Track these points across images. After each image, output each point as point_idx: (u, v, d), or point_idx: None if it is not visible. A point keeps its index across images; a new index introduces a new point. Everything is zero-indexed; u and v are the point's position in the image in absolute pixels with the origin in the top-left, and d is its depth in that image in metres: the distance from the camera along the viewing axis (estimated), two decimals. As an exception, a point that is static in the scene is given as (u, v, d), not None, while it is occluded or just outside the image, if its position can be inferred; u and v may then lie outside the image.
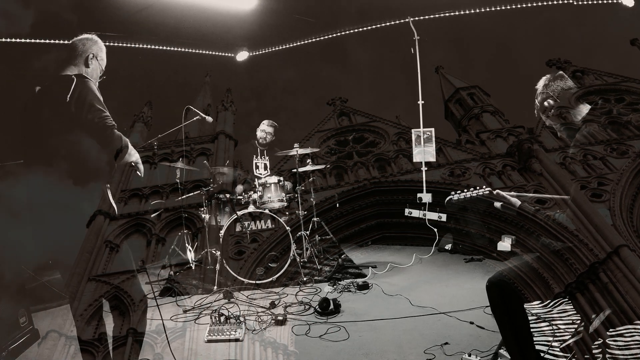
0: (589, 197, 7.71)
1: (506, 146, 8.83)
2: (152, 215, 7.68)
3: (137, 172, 3.21)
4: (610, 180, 7.89)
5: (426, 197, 5.07)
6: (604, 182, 7.87)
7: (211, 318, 4.17)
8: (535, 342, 3.30)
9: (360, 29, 4.89)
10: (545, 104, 3.69)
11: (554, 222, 6.83)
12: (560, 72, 3.77)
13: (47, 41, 4.21)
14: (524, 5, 4.42)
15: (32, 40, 4.25)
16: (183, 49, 4.72)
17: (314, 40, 4.96)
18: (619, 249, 6.68)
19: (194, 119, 4.62)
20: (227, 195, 4.99)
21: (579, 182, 7.95)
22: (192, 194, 5.50)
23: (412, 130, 5.06)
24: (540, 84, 3.74)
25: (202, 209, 4.91)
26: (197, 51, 4.76)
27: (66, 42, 3.76)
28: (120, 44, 4.15)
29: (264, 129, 5.40)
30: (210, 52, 4.84)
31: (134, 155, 3.30)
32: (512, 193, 3.49)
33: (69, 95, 3.16)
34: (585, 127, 8.56)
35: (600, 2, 4.36)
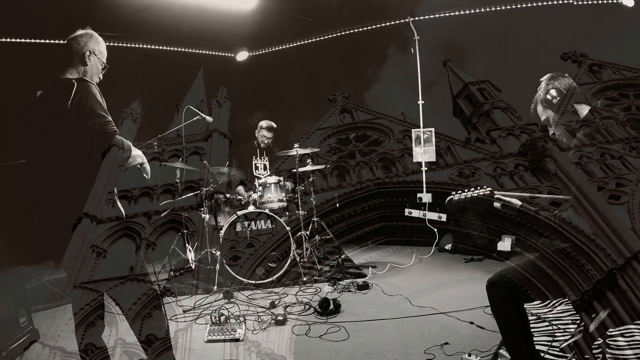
0: (606, 199, 8.04)
1: (518, 145, 9.16)
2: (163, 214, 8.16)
3: (144, 174, 3.69)
4: (629, 181, 8.22)
5: (426, 197, 5.57)
6: (622, 183, 8.22)
7: (211, 318, 4.68)
8: (535, 342, 3.76)
9: (360, 29, 5.38)
10: (548, 117, 4.11)
11: (570, 225, 7.26)
12: (557, 73, 4.25)
13: (47, 41, 4.71)
14: (525, 5, 4.90)
15: (31, 41, 4.76)
16: (183, 49, 5.24)
17: (314, 40, 5.45)
18: (638, 254, 6.99)
19: (194, 119, 5.16)
20: (227, 196, 5.57)
21: (596, 183, 8.32)
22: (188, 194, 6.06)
23: (412, 130, 5.55)
24: (541, 88, 4.18)
25: (202, 209, 5.49)
26: (197, 51, 5.27)
27: (62, 41, 4.22)
28: (120, 44, 4.65)
29: (264, 134, 6.02)
30: (210, 52, 5.36)
31: (139, 158, 3.77)
32: (525, 194, 3.85)
33: (69, 101, 3.61)
34: (590, 128, 8.99)
35: (600, 2, 4.82)
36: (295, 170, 5.90)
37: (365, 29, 5.30)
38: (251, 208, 5.60)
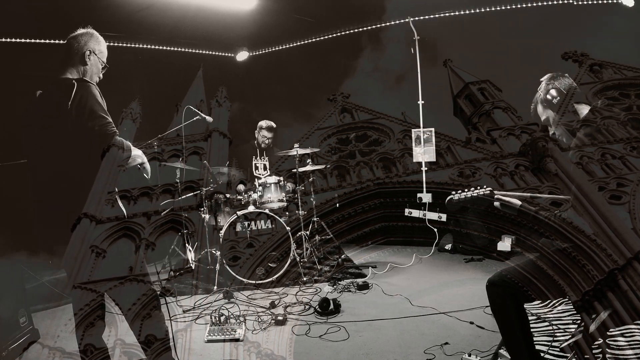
0: (607, 199, 8.09)
1: (519, 145, 9.23)
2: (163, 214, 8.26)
3: (144, 174, 3.71)
4: (630, 181, 8.27)
5: (426, 197, 5.61)
6: (623, 183, 8.27)
7: (211, 318, 4.71)
8: (535, 342, 3.79)
9: (360, 29, 5.43)
10: (548, 117, 4.14)
11: (570, 225, 7.29)
12: (557, 73, 4.27)
13: (47, 41, 4.76)
14: (525, 5, 4.94)
15: (31, 41, 4.80)
16: (183, 49, 5.29)
17: (314, 40, 5.51)
18: (639, 255, 7.06)
19: (194, 119, 5.21)
20: (227, 195, 5.63)
21: (596, 183, 8.36)
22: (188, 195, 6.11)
23: (412, 130, 5.59)
24: (541, 88, 4.20)
25: (202, 209, 5.54)
26: (197, 51, 5.33)
27: (62, 41, 4.25)
28: (120, 44, 4.70)
29: (264, 134, 6.09)
30: (210, 52, 5.42)
31: (139, 158, 3.79)
32: (526, 194, 3.87)
33: (69, 102, 3.64)
34: (591, 128, 9.02)
35: (600, 2, 4.86)
36: (295, 170, 5.94)
37: (365, 28, 5.36)
38: (251, 208, 5.65)
